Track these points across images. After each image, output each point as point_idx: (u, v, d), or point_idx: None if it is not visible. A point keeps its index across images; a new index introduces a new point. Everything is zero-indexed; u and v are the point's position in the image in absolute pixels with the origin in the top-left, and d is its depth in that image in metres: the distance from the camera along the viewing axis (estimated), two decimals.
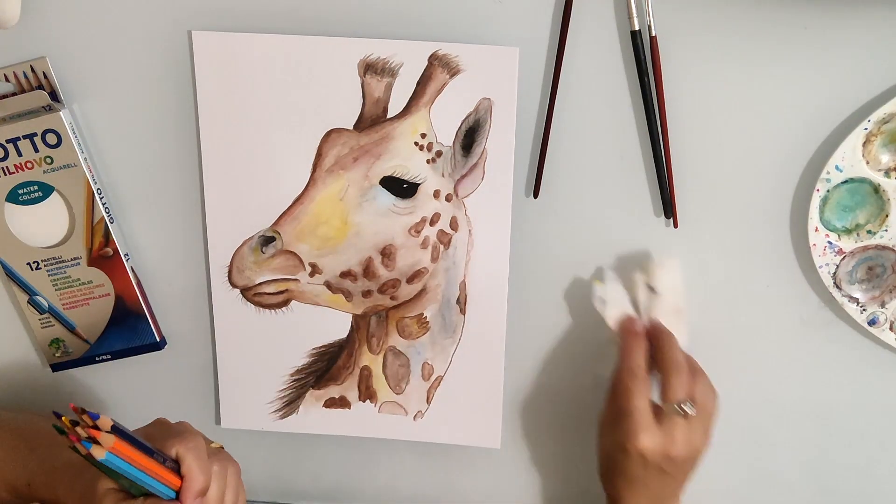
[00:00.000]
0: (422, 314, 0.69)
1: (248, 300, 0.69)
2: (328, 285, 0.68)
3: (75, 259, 0.68)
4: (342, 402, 0.72)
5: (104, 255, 0.68)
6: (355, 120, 0.64)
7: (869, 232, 0.64)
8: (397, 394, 0.71)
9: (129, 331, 0.70)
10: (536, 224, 0.67)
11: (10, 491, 0.64)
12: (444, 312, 0.68)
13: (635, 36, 0.60)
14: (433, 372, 0.70)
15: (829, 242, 0.63)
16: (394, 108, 0.63)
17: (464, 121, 0.63)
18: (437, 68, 0.62)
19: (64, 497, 0.59)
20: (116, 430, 0.52)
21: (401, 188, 0.65)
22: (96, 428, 0.51)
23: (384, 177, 0.65)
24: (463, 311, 0.68)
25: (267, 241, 0.67)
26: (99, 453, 0.50)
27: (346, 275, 0.67)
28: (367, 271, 0.67)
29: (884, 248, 0.64)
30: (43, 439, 0.64)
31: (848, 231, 0.64)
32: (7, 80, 0.64)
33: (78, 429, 0.51)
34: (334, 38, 0.62)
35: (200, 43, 0.63)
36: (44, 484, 0.61)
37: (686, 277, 0.67)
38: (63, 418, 0.51)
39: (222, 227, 0.67)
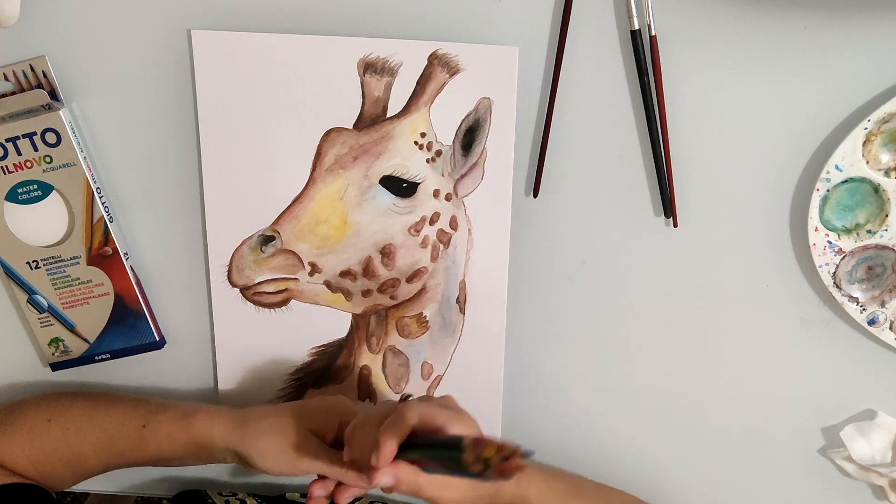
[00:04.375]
0: (421, 313, 0.69)
1: (247, 299, 0.69)
2: (328, 284, 0.68)
3: (75, 258, 0.68)
4: None
5: (103, 254, 0.68)
6: (355, 119, 0.63)
7: (869, 231, 0.64)
8: (397, 393, 0.71)
9: (128, 330, 0.70)
10: (536, 224, 0.67)
11: (112, 446, 0.65)
12: (444, 312, 0.68)
13: (635, 35, 0.60)
14: (433, 371, 0.70)
15: (829, 242, 0.63)
16: (393, 108, 0.63)
17: (463, 120, 0.63)
18: (437, 68, 0.62)
19: (206, 431, 0.62)
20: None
21: (400, 187, 0.65)
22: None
23: (384, 176, 0.65)
24: (462, 311, 0.68)
25: (266, 240, 0.67)
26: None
27: (345, 274, 0.67)
28: (367, 270, 0.67)
29: (883, 247, 0.64)
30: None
31: (848, 231, 0.64)
32: (6, 78, 0.64)
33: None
34: (334, 37, 0.62)
35: (200, 42, 0.63)
36: (170, 417, 0.64)
37: (686, 277, 0.67)
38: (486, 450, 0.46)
39: (222, 226, 0.67)
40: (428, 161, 0.64)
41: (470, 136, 0.64)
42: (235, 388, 0.72)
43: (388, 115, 0.63)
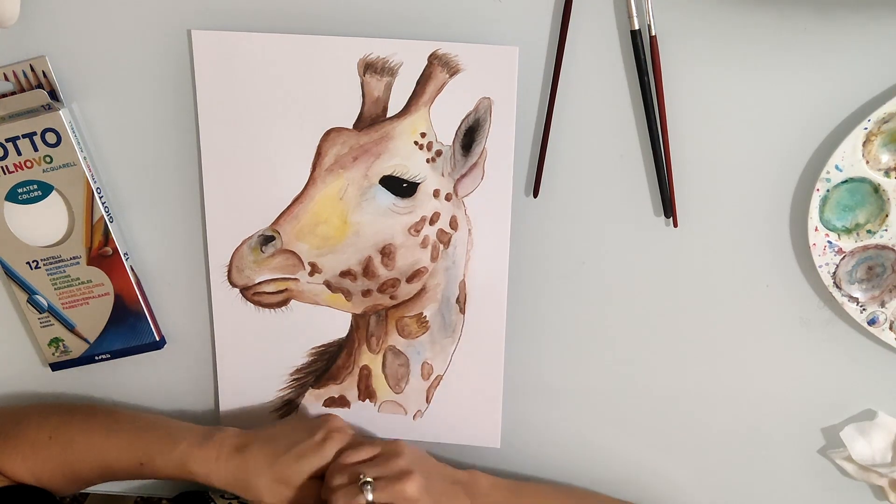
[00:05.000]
0: (421, 313, 0.69)
1: (247, 299, 0.69)
2: (328, 284, 0.68)
3: (75, 258, 0.68)
4: (342, 402, 0.72)
5: (103, 255, 0.68)
6: (355, 119, 0.64)
7: (869, 231, 0.64)
8: (397, 393, 0.71)
9: (128, 330, 0.70)
10: (536, 224, 0.67)
11: (111, 472, 0.66)
12: (444, 312, 0.68)
13: (635, 35, 0.60)
14: (433, 371, 0.70)
15: (829, 242, 0.63)
16: (393, 108, 0.63)
17: (463, 120, 0.63)
18: (437, 68, 0.62)
19: (202, 469, 0.64)
20: None
21: (400, 187, 0.65)
22: None
23: (384, 176, 0.65)
24: (462, 311, 0.68)
25: (266, 240, 0.67)
26: None
27: (345, 274, 0.67)
28: (367, 270, 0.67)
29: (883, 247, 0.64)
30: (158, 422, 0.68)
31: (848, 231, 0.64)
32: (6, 78, 0.64)
33: None
34: (334, 37, 0.62)
35: (200, 42, 0.63)
36: (167, 461, 0.64)
37: (686, 277, 0.67)
38: None
39: (222, 226, 0.67)
40: (428, 161, 0.64)
41: (470, 136, 0.64)
42: (235, 389, 0.72)
43: (388, 115, 0.63)
